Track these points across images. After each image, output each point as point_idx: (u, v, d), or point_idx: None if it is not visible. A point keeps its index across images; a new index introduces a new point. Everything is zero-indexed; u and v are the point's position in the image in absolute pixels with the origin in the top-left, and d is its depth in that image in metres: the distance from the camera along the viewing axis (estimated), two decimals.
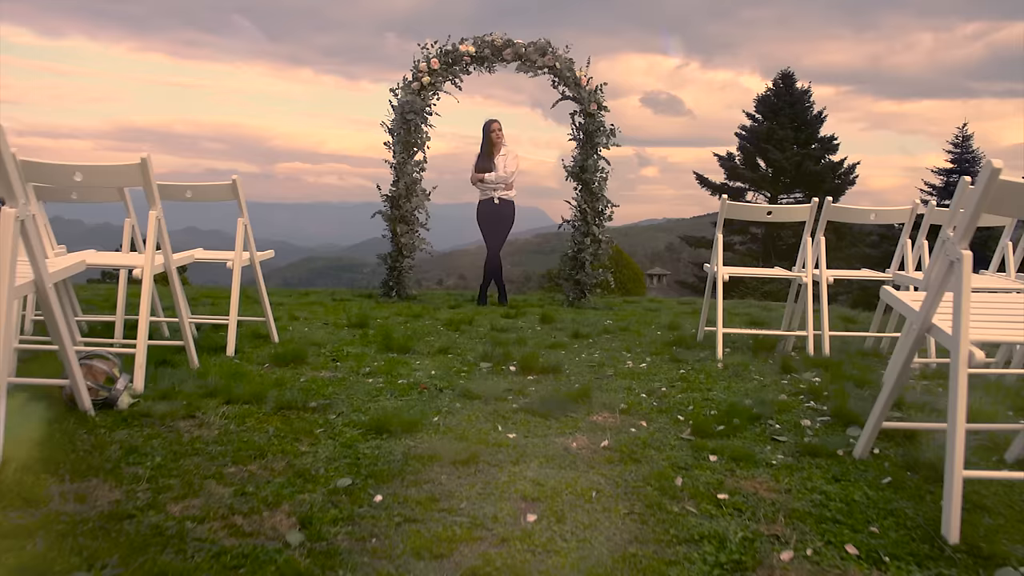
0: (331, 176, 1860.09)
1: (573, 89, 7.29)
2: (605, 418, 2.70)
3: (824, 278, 4.05)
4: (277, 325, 4.85)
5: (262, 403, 2.69)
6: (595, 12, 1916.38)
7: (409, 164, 7.29)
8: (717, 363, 3.81)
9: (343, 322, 5.19)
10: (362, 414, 2.63)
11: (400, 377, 3.30)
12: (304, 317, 5.48)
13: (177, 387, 2.82)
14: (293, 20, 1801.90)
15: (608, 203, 7.44)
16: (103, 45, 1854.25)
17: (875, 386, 3.23)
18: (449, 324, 5.28)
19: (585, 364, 3.76)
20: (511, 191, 7.17)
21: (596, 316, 6.32)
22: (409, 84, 7.34)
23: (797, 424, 2.68)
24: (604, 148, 7.42)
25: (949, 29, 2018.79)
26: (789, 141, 36.25)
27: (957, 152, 33.85)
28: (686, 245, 45.32)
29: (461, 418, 2.63)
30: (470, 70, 7.48)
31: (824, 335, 4.02)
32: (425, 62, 7.30)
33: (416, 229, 7.45)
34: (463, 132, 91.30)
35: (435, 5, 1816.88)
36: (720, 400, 2.98)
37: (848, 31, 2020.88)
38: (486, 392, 2.98)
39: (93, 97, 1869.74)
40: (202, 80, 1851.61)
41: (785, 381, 3.40)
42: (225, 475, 2.00)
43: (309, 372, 3.35)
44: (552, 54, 7.25)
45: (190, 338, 3.22)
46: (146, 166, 2.78)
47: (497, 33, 7.29)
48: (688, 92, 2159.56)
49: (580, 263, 7.45)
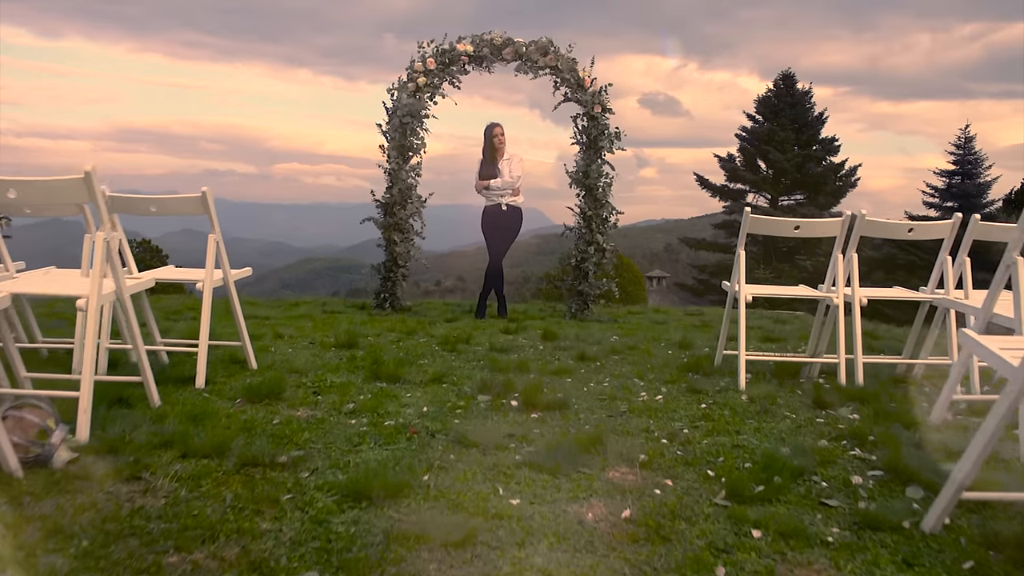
0: (329, 177, 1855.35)
1: (576, 91, 6.92)
2: (623, 474, 2.32)
3: (857, 299, 3.68)
4: (259, 344, 4.48)
5: (224, 457, 2.31)
6: (593, 13, 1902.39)
7: (404, 169, 6.92)
8: (741, 395, 3.43)
9: (330, 341, 4.81)
10: (340, 471, 2.25)
11: (387, 416, 2.92)
12: (289, 335, 5.10)
13: (128, 435, 2.44)
14: (292, 21, 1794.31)
15: (613, 210, 7.07)
16: (101, 46, 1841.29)
17: (925, 428, 2.85)
18: (445, 343, 4.91)
19: (595, 396, 3.39)
20: (518, 197, 6.82)
21: (601, 330, 5.95)
22: (404, 85, 6.96)
23: (847, 481, 2.30)
24: (608, 152, 7.05)
25: (947, 30, 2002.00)
26: (790, 143, 35.89)
27: (959, 154, 33.47)
28: (685, 246, 45.03)
29: (455, 476, 2.25)
30: (468, 70, 7.11)
31: (857, 362, 3.65)
32: (421, 62, 6.92)
33: (411, 238, 7.07)
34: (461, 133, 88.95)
35: (434, 6, 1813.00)
36: (752, 447, 2.61)
37: (846, 32, 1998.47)
38: (485, 438, 2.60)
39: (91, 98, 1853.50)
40: (200, 81, 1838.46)
41: (821, 419, 3.03)
42: (163, 568, 1.62)
43: (285, 410, 2.97)
44: (554, 54, 6.87)
45: (149, 373, 2.84)
46: (90, 180, 2.40)
47: (496, 31, 6.92)
48: (686, 93, 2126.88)
49: (583, 273, 7.07)
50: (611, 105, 6.96)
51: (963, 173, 33.09)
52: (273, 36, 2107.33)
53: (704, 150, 44.69)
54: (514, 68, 6.99)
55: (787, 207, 36.13)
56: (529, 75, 6.98)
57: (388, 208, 6.95)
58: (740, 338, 3.65)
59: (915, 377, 3.99)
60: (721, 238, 39.31)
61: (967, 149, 33.53)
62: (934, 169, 33.76)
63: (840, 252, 3.75)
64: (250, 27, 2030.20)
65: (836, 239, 3.76)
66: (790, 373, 3.89)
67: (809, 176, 35.75)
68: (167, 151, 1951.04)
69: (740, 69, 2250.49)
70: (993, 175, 32.78)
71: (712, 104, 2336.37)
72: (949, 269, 3.72)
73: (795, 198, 36.94)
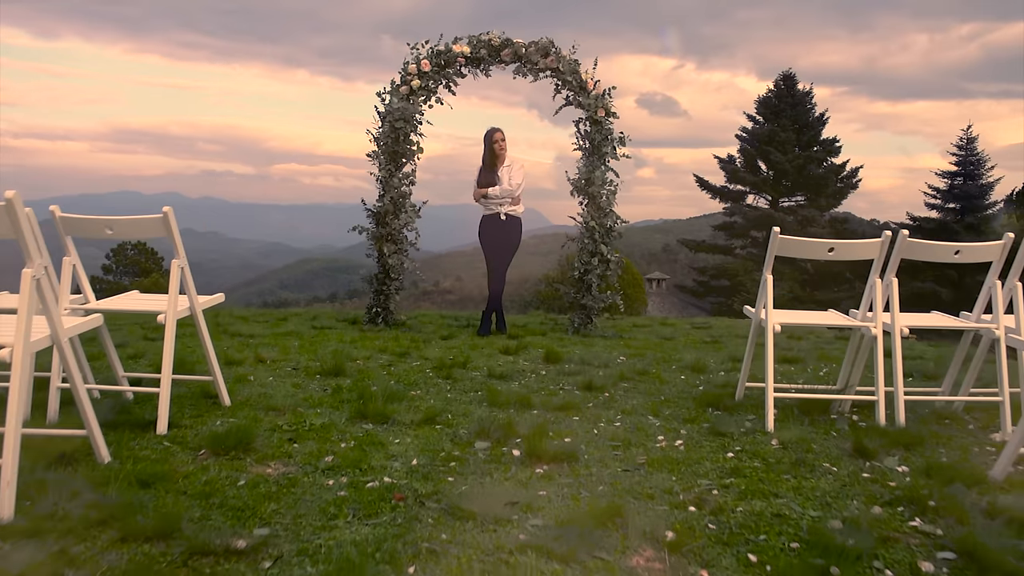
0: (327, 177, 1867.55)
1: (578, 94, 6.55)
2: (648, 561, 1.94)
3: (897, 328, 3.31)
4: (238, 373, 4.11)
5: (171, 540, 1.93)
6: (591, 13, 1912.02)
7: (396, 176, 6.53)
8: (770, 439, 3.06)
9: (316, 367, 4.43)
10: (308, 561, 1.86)
11: (370, 473, 2.54)
12: (272, 359, 4.72)
13: (61, 510, 2.06)
14: (289, 22, 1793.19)
15: (618, 219, 6.70)
16: (98, 47, 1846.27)
17: (992, 489, 2.48)
18: (440, 368, 4.53)
19: (606, 442, 3.01)
20: (518, 206, 6.43)
21: (606, 348, 5.58)
22: (397, 88, 6.58)
23: (914, 567, 1.93)
24: (612, 158, 6.68)
25: (944, 30, 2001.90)
26: (791, 144, 35.51)
27: (961, 155, 33.08)
28: (683, 247, 44.62)
29: (447, 566, 1.87)
30: (464, 72, 6.74)
31: (898, 398, 3.28)
32: (415, 63, 6.54)
33: (405, 249, 6.69)
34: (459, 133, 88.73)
35: (431, 7, 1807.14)
36: (795, 517, 2.23)
37: (844, 32, 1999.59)
38: (483, 506, 2.22)
39: (89, 99, 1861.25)
40: (198, 81, 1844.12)
41: (866, 474, 2.65)
42: None
43: (253, 466, 2.59)
44: (555, 55, 6.50)
45: (94, 425, 2.45)
46: (12, 208, 2.02)
47: (494, 32, 6.54)
48: (683, 93, 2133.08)
49: (587, 285, 6.70)
50: (614, 108, 6.58)
51: (965, 174, 32.72)
52: (271, 37, 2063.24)
53: (702, 150, 44.14)
54: (513, 70, 6.63)
55: (787, 209, 35.76)
56: (529, 78, 6.61)
57: (380, 217, 6.57)
58: (768, 374, 3.27)
59: (958, 412, 3.62)
60: (721, 240, 38.96)
61: (969, 150, 33.15)
62: (936, 170, 33.42)
63: (878, 275, 3.38)
64: (248, 28, 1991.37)
65: (873, 262, 3.38)
66: (820, 408, 3.52)
67: (810, 178, 35.37)
68: (165, 152, 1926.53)
69: (738, 69, 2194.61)
70: (996, 176, 32.44)
71: (710, 104, 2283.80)
72: (999, 294, 3.35)
73: (796, 200, 36.58)
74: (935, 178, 33.16)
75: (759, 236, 36.79)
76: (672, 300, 35.53)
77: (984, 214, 31.87)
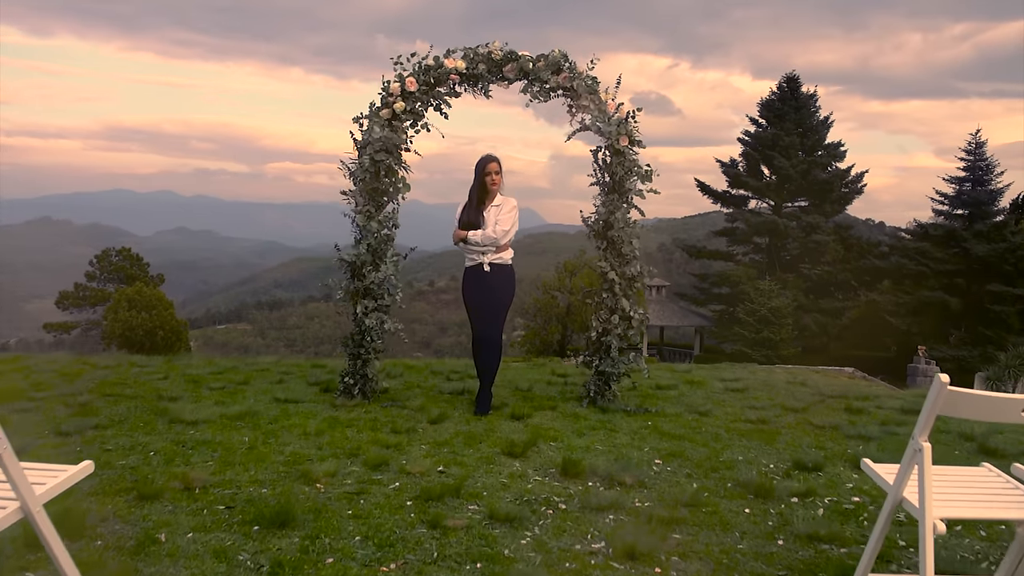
0: (321, 176, 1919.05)
1: (596, 117, 5.41)
2: None
3: None
4: (152, 514, 2.90)
5: None
6: (588, 12, 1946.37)
7: (376, 220, 5.36)
8: None
9: (260, 497, 3.29)
10: None
11: None
12: (203, 483, 3.55)
13: None
14: (283, 20, 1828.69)
15: (648, 270, 5.58)
16: (92, 44, 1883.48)
17: None
18: (426, 501, 3.40)
19: None
20: (505, 252, 5.26)
21: (632, 439, 4.47)
22: (377, 112, 5.41)
23: None
24: (638, 196, 5.55)
25: (937, 30, 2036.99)
26: (795, 148, 34.36)
27: (970, 160, 31.99)
28: (678, 247, 43.49)
29: None
30: (459, 91, 5.59)
31: None
32: (398, 83, 5.37)
33: (386, 305, 5.50)
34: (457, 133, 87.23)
35: (425, 6, 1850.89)
36: None
37: (838, 31, 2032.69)
38: None
39: (82, 97, 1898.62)
40: (192, 79, 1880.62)
41: None
42: None
43: None
44: (569, 70, 5.36)
45: None
46: None
47: (495, 43, 5.38)
48: (678, 92, 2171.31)
49: (605, 348, 5.57)
50: (639, 135, 5.44)
51: (973, 180, 31.65)
52: (265, 35, 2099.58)
53: (696, 149, 43.24)
54: (518, 89, 5.48)
55: (790, 214, 34.59)
56: (539, 99, 5.43)
57: (356, 269, 5.39)
58: None
59: None
60: (723, 245, 37.82)
61: (978, 155, 32.07)
62: (944, 175, 32.35)
63: None
64: (242, 26, 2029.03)
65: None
66: None
67: (815, 182, 34.26)
68: (158, 150, 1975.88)
69: (732, 68, 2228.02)
70: (1005, 182, 31.41)
71: (704, 103, 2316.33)
72: None
73: (798, 204, 35.42)
74: (929, 177, 32.30)
75: (762, 242, 35.66)
76: (672, 308, 34.41)
77: (994, 221, 30.79)
